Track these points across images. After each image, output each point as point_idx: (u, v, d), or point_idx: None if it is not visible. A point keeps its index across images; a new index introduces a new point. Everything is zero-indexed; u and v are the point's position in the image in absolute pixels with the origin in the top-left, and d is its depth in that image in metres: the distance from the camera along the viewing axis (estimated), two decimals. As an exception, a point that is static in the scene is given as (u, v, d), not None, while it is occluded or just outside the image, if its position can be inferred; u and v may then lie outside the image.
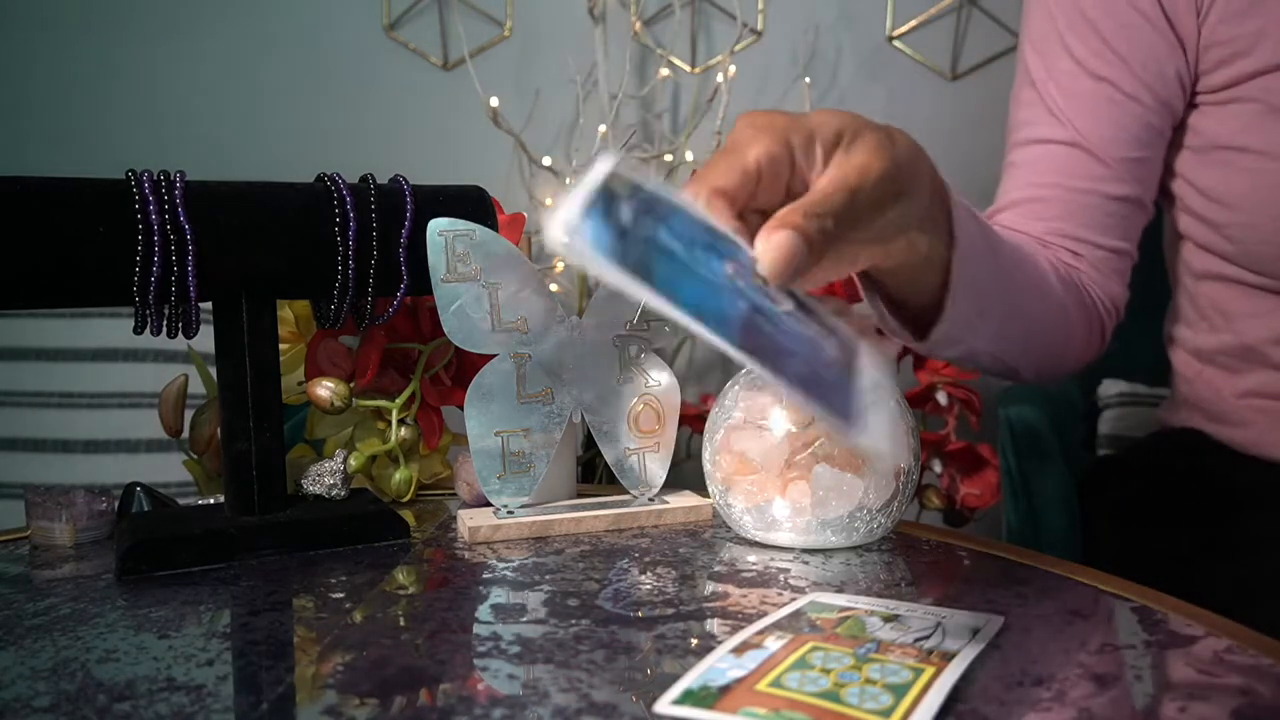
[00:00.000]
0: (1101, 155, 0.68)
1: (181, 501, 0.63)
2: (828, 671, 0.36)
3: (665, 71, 1.40)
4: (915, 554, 0.55)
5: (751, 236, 0.35)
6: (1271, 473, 0.70)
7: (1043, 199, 0.69)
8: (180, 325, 0.54)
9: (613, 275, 0.30)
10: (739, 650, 0.39)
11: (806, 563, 0.53)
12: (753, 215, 0.38)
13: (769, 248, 0.34)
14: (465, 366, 0.69)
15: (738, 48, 1.41)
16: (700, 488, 0.62)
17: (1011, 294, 0.58)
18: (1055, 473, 0.86)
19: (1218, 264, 0.71)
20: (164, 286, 0.52)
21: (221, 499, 0.60)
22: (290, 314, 0.68)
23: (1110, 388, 1.21)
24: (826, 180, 0.37)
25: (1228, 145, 0.66)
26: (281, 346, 0.63)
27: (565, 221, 0.30)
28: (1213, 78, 0.66)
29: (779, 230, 0.34)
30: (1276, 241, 0.65)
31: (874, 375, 0.36)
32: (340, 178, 0.57)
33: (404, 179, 0.59)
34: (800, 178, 0.38)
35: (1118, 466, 0.86)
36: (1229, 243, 0.68)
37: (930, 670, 0.37)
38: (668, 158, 1.38)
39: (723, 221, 0.35)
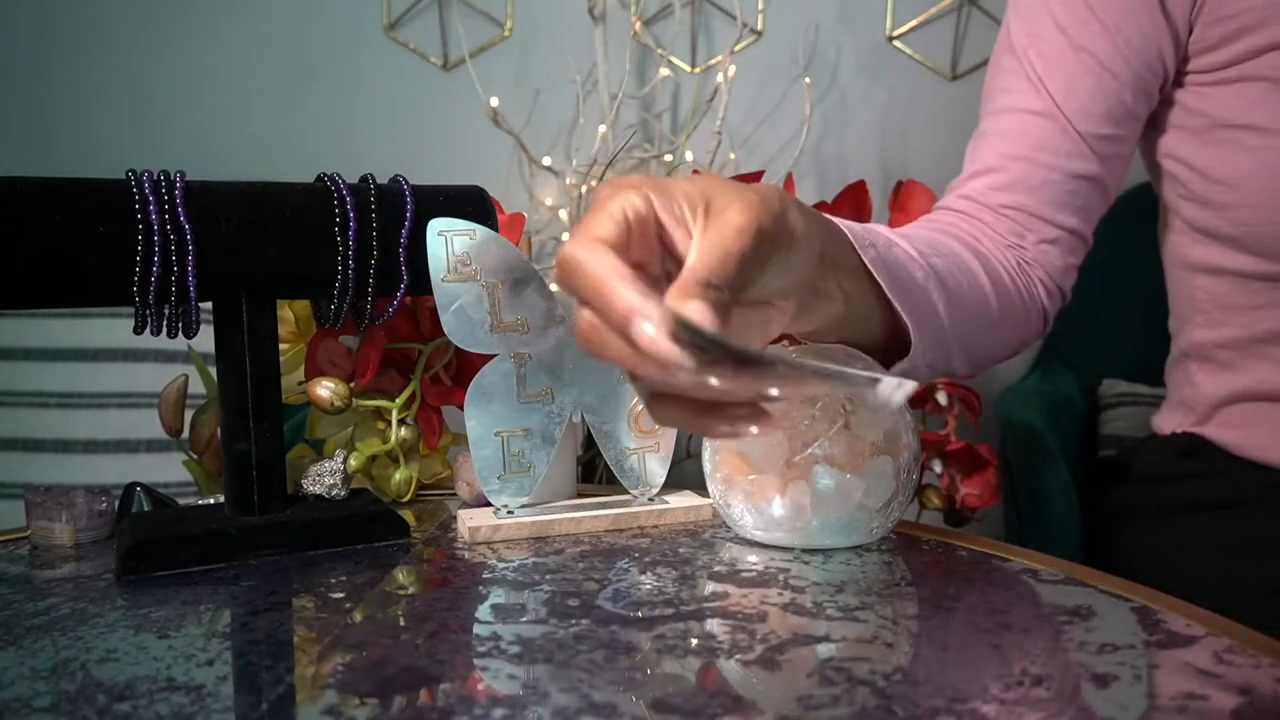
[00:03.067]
0: (1073, 128, 0.68)
1: (181, 501, 0.63)
2: None
3: (665, 71, 1.40)
4: (915, 554, 0.55)
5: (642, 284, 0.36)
6: (1268, 475, 0.70)
7: (1007, 170, 0.69)
8: (180, 325, 0.54)
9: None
10: None
11: (806, 563, 0.53)
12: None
13: (691, 315, 0.35)
14: (465, 366, 0.69)
15: (738, 48, 1.41)
16: (700, 488, 0.62)
17: (942, 310, 0.59)
18: (1055, 473, 0.86)
19: (1218, 253, 0.70)
20: (164, 286, 0.52)
21: (221, 499, 0.60)
22: (290, 314, 0.68)
23: (1110, 388, 1.20)
24: (706, 246, 0.38)
25: (1232, 124, 0.66)
26: (281, 346, 0.63)
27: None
28: (1215, 55, 0.66)
29: (691, 300, 0.35)
30: None
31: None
32: (340, 178, 0.57)
33: (404, 179, 0.59)
34: (669, 236, 0.40)
35: (1117, 468, 0.85)
36: (1233, 225, 0.67)
37: None
38: (668, 158, 1.38)
39: (614, 268, 0.36)
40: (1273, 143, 0.64)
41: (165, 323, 0.54)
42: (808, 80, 1.38)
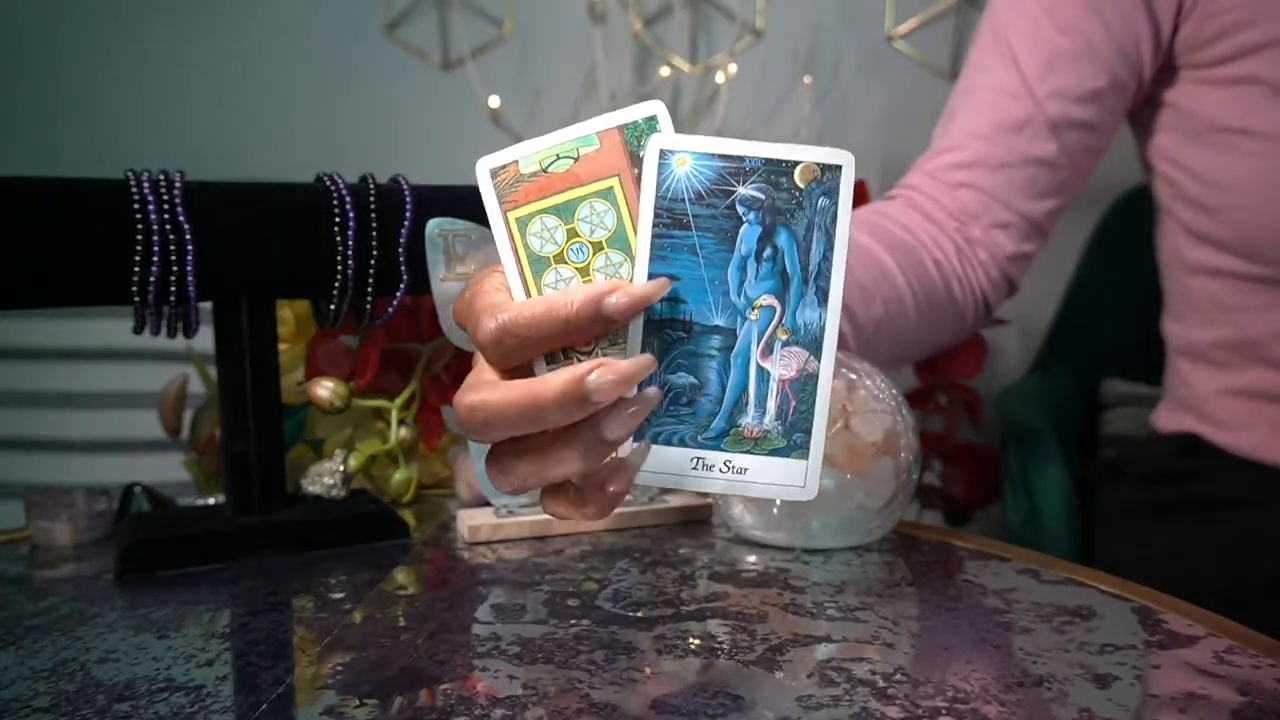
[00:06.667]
0: (1044, 110, 0.68)
1: (181, 501, 0.63)
2: None
3: (665, 71, 1.40)
4: (915, 554, 0.55)
5: None
6: (1267, 473, 0.70)
7: (969, 148, 0.69)
8: (180, 325, 0.54)
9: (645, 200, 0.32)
10: None
11: (806, 563, 0.53)
12: None
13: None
14: (465, 367, 0.69)
15: (738, 47, 1.41)
16: (700, 488, 0.62)
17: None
18: (1055, 473, 0.85)
19: (1214, 255, 0.70)
20: (163, 286, 0.52)
21: (221, 499, 0.60)
22: (290, 314, 0.68)
23: (1111, 388, 1.20)
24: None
25: (1229, 128, 0.66)
26: (281, 346, 0.63)
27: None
28: (1212, 50, 0.66)
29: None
30: (1274, 227, 0.65)
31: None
32: (340, 178, 0.57)
33: (404, 179, 0.59)
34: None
35: (1117, 467, 0.85)
36: (1226, 228, 0.68)
37: None
38: (668, 158, 1.38)
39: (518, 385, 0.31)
40: (1268, 148, 0.64)
41: (165, 323, 0.54)
42: (808, 80, 1.38)
